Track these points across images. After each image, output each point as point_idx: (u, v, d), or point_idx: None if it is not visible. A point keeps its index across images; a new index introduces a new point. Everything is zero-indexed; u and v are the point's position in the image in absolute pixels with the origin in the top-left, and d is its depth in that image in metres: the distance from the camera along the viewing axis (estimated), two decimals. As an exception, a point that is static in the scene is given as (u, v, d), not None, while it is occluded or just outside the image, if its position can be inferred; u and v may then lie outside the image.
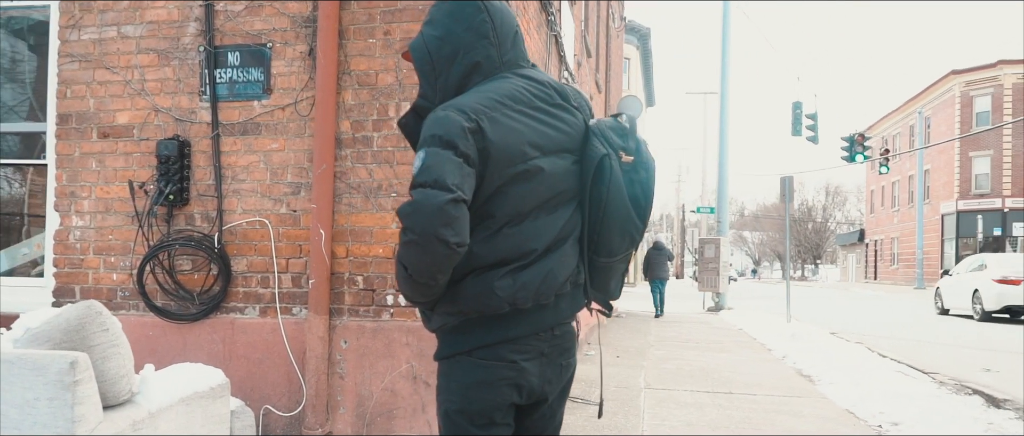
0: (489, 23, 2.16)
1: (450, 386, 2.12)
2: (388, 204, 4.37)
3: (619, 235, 2.16)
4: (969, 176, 42.09)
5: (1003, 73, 40.63)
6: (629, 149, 2.18)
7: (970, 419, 7.34)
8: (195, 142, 4.64)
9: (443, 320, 2.11)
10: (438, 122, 1.97)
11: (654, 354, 11.20)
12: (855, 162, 29.32)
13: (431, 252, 1.89)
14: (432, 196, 1.88)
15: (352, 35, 4.46)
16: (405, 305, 4.31)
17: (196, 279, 4.59)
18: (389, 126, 4.40)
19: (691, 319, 17.91)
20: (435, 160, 1.93)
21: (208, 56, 4.62)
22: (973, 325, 17.84)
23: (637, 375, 9.14)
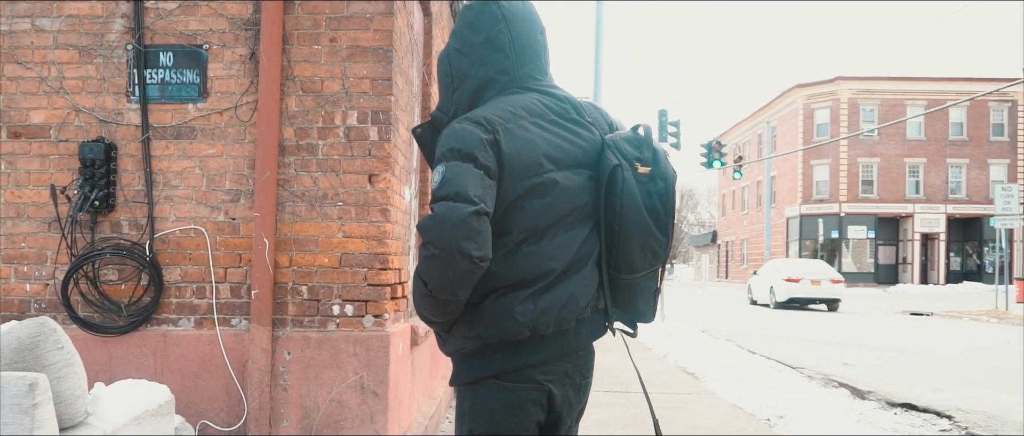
0: (506, 34, 2.14)
1: (475, 411, 2.10)
2: (334, 213, 4.33)
3: (639, 249, 2.13)
4: (811, 183, 45.41)
5: (840, 88, 44.08)
6: (645, 159, 2.14)
7: (843, 410, 8.03)
8: (122, 145, 4.41)
9: (461, 344, 2.09)
10: (456, 135, 1.97)
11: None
12: (713, 168, 31.09)
13: (453, 267, 1.88)
14: (454, 209, 1.87)
15: (296, 40, 4.38)
16: (352, 315, 4.28)
17: (123, 290, 4.36)
18: (335, 134, 4.35)
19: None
20: (456, 173, 1.92)
21: (137, 55, 4.40)
22: (771, 311, 24.07)
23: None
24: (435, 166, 2.00)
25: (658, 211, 2.14)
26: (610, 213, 2.12)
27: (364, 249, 4.30)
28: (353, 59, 4.36)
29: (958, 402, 8.27)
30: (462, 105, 2.15)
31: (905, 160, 43.59)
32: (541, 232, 2.05)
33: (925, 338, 15.56)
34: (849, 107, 43.72)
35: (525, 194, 2.02)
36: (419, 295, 2.01)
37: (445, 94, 2.22)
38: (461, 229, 1.86)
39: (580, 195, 2.12)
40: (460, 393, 2.18)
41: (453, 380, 2.20)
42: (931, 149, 43.86)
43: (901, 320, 20.63)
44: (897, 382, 9.61)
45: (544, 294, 2.03)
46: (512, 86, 2.15)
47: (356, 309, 4.28)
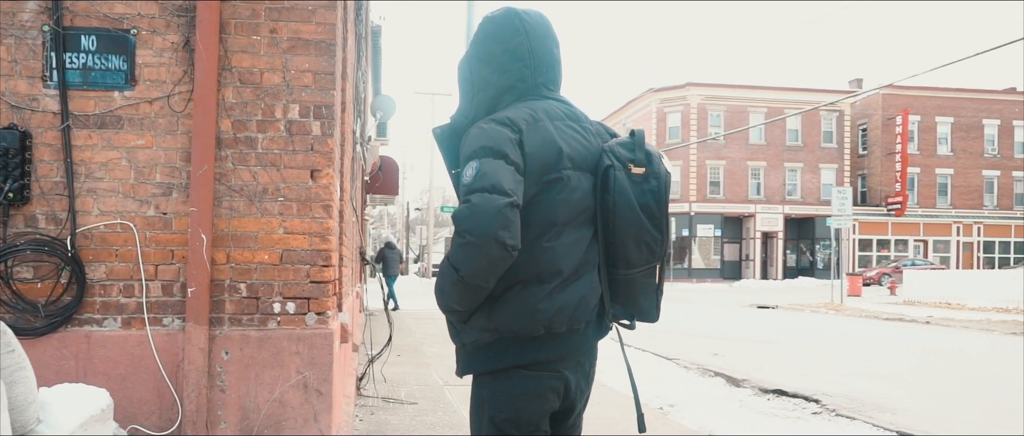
0: (526, 46, 2.29)
1: (498, 398, 2.22)
2: (275, 208, 4.21)
3: (635, 245, 2.27)
4: (664, 183, 47.49)
5: (690, 93, 46.46)
6: (639, 160, 2.30)
7: (724, 398, 8.59)
8: (38, 133, 4.10)
9: (477, 335, 2.21)
10: (486, 134, 2.12)
11: (431, 351, 11.50)
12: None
13: (488, 254, 2.00)
14: (491, 200, 2.01)
15: (234, 30, 4.22)
16: (294, 313, 4.19)
17: (40, 288, 4.06)
18: (276, 128, 4.24)
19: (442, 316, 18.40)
20: (490, 168, 2.06)
21: (55, 38, 4.10)
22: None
23: (429, 373, 9.39)
24: (465, 163, 2.12)
25: (652, 208, 2.28)
26: (605, 211, 2.27)
27: (307, 246, 4.22)
28: (295, 51, 4.26)
29: (821, 386, 9.02)
30: (482, 109, 2.30)
31: (748, 163, 46.53)
32: (558, 228, 2.20)
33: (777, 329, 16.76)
34: (698, 112, 46.18)
35: (544, 189, 2.17)
36: (450, 282, 2.10)
37: (465, 98, 2.36)
38: (498, 218, 1.99)
39: (587, 197, 2.28)
40: (479, 381, 2.28)
41: (467, 369, 2.29)
42: (771, 153, 47.08)
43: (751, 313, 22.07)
44: (764, 370, 10.35)
45: (560, 293, 2.18)
46: (529, 94, 2.31)
47: (298, 307, 4.20)
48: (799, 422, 7.33)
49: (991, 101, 48.82)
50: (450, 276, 2.08)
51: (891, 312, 20.89)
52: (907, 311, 21.13)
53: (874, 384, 9.34)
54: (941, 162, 48.10)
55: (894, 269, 39.29)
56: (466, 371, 2.32)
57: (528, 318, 2.13)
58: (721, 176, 46.51)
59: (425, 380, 8.78)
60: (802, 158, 47.44)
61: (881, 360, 11.77)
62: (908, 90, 44.71)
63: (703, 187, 46.20)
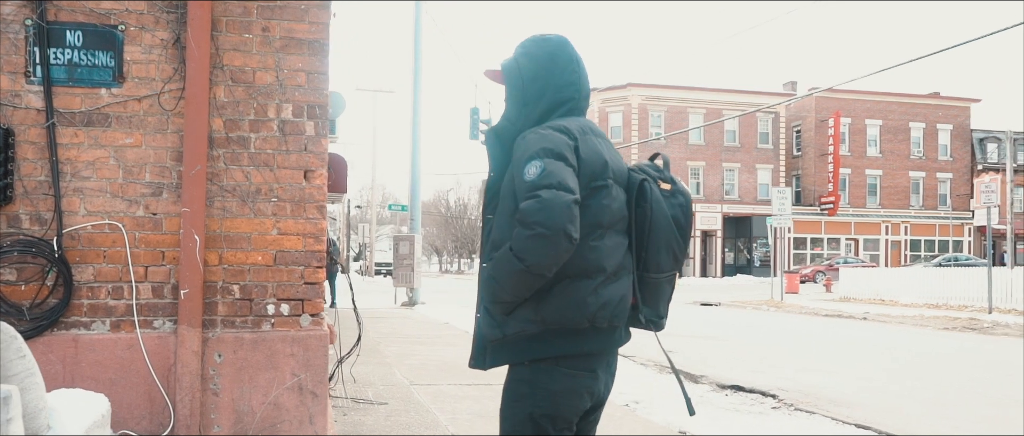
0: (578, 72, 2.51)
1: (537, 392, 2.33)
2: (268, 209, 4.17)
3: (665, 251, 2.47)
4: (606, 182, 48.09)
5: (631, 94, 47.13)
6: (666, 178, 2.55)
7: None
8: (21, 131, 3.97)
9: (522, 326, 2.31)
10: (546, 138, 2.28)
11: (389, 351, 11.45)
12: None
13: (555, 245, 2.15)
14: (559, 196, 2.14)
15: (225, 27, 4.16)
16: (289, 314, 4.15)
17: (25, 291, 3.93)
18: (268, 127, 4.19)
19: (393, 315, 18.34)
20: (554, 168, 2.19)
21: (39, 32, 3.98)
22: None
23: (392, 372, 9.36)
24: (527, 162, 2.24)
25: (680, 220, 2.52)
26: (641, 218, 2.46)
27: (301, 246, 4.19)
28: (288, 51, 4.22)
29: (775, 382, 9.29)
30: (531, 120, 2.43)
31: (688, 163, 47.42)
32: (602, 230, 2.35)
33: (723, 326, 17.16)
34: (639, 112, 46.88)
35: (591, 194, 2.33)
36: (509, 272, 2.22)
37: (515, 104, 2.48)
38: (566, 213, 2.14)
39: (623, 207, 2.46)
40: (517, 374, 2.39)
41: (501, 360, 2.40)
42: (709, 153, 48.08)
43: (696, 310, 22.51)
44: (718, 366, 10.60)
45: (604, 289, 2.33)
46: (574, 112, 2.49)
47: (292, 308, 4.16)
48: (761, 417, 7.54)
49: (917, 105, 50.83)
50: (511, 266, 2.19)
51: (829, 309, 21.57)
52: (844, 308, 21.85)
53: (826, 378, 9.66)
54: (871, 163, 49.86)
55: (828, 267, 40.55)
56: (499, 362, 2.41)
57: (576, 310, 2.27)
58: (662, 176, 47.18)
59: (390, 380, 8.75)
60: (739, 158, 48.57)
61: (828, 355, 12.16)
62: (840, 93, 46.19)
63: (644, 186, 46.83)
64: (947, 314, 19.16)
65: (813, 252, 48.42)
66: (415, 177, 22.66)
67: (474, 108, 26.85)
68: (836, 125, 46.38)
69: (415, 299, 21.18)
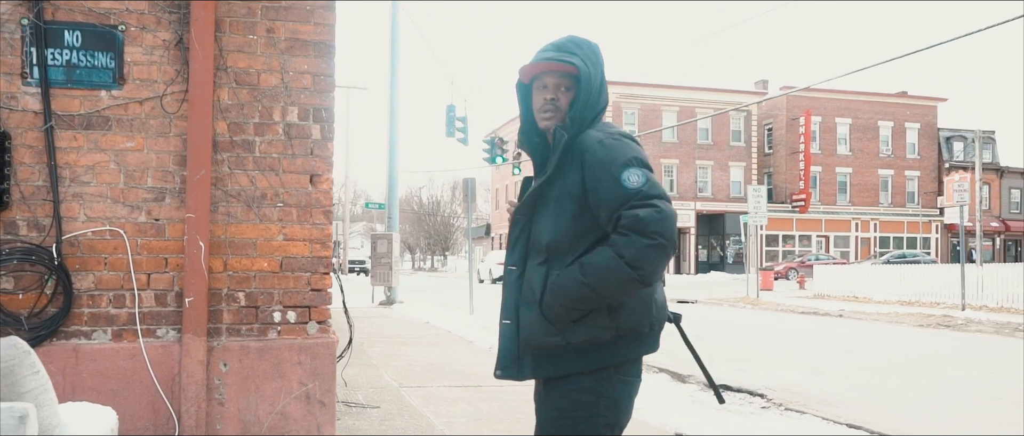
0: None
1: (602, 401, 2.24)
2: (274, 214, 4.08)
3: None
4: (580, 179, 48.23)
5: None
6: None
7: (674, 394, 8.77)
8: (17, 134, 3.84)
9: (594, 333, 2.23)
10: (632, 147, 2.23)
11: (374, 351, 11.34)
12: (496, 163, 32.08)
13: (668, 256, 2.14)
14: (670, 207, 2.15)
15: (229, 28, 4.06)
16: (295, 322, 4.07)
17: (23, 300, 3.80)
18: (274, 131, 4.10)
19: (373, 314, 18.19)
20: (652, 179, 2.19)
21: (36, 32, 3.85)
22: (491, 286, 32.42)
23: (380, 374, 9.26)
24: (625, 169, 2.18)
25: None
26: None
27: (307, 252, 4.10)
28: (293, 52, 4.13)
29: (761, 381, 9.34)
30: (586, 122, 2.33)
31: (661, 160, 47.66)
32: None
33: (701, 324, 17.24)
34: (614, 109, 47.00)
35: None
36: (617, 281, 2.14)
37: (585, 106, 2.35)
38: (675, 224, 2.17)
39: None
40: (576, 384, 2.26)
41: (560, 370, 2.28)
42: (682, 151, 48.36)
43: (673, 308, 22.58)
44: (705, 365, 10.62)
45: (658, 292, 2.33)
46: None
47: (299, 315, 4.08)
48: (753, 417, 7.57)
49: (885, 104, 51.56)
50: (622, 275, 2.12)
51: (805, 306, 21.80)
52: (819, 305, 22.09)
53: (810, 377, 9.73)
54: (841, 161, 50.49)
55: (800, 264, 40.98)
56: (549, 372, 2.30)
57: (645, 314, 2.25)
58: (636, 173, 47.41)
59: (378, 382, 8.65)
60: (712, 156, 48.91)
61: (809, 353, 12.26)
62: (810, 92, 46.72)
63: (618, 184, 47.01)
64: (920, 311, 19.45)
65: (785, 249, 48.94)
66: (393, 176, 22.50)
67: (450, 105, 26.72)
68: (807, 123, 46.90)
69: (393, 298, 21.03)
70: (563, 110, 2.31)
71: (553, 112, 2.32)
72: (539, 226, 2.28)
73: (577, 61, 2.31)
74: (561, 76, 2.31)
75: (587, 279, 2.14)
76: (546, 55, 2.33)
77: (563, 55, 2.32)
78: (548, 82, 2.33)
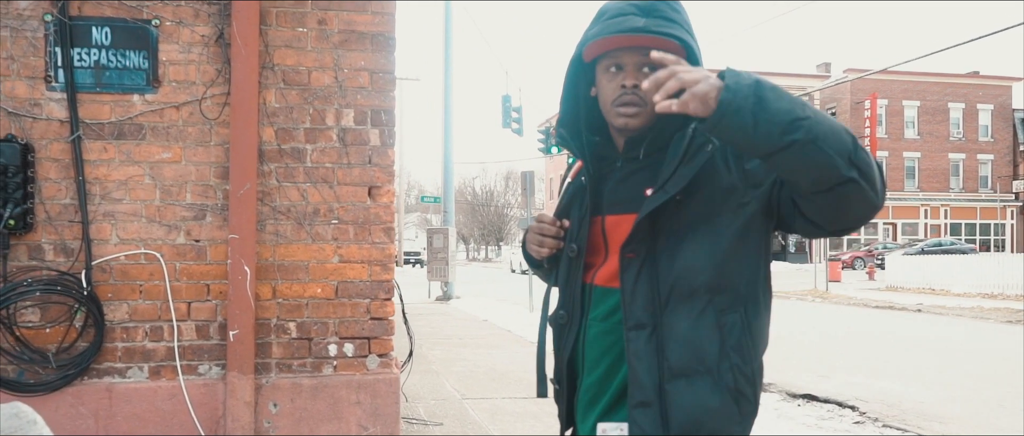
0: None
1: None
2: (328, 233, 3.57)
3: None
4: (636, 167, 47.61)
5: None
6: None
7: (755, 406, 8.11)
8: (42, 146, 3.40)
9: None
10: None
11: (433, 354, 10.89)
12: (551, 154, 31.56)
13: (874, 201, 1.48)
14: None
15: (275, 20, 3.56)
16: (353, 355, 3.56)
17: (50, 333, 3.37)
18: (327, 137, 3.59)
19: (430, 311, 17.81)
20: None
21: (61, 29, 3.40)
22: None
23: (441, 383, 8.79)
24: None
25: None
26: None
27: (366, 276, 3.58)
28: (347, 46, 3.61)
29: (849, 390, 8.60)
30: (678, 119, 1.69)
31: (720, 147, 46.51)
32: None
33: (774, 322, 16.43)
34: (670, 96, 45.98)
35: None
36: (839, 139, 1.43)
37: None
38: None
39: None
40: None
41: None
42: (742, 137, 47.10)
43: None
44: (781, 370, 9.91)
45: None
46: None
47: (358, 348, 3.57)
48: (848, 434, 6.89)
49: (956, 85, 49.35)
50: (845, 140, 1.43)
51: (878, 299, 20.75)
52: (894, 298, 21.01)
53: (903, 386, 8.95)
54: (908, 145, 48.56)
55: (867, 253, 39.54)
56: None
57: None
58: (693, 161, 46.49)
59: (440, 393, 8.18)
60: (773, 142, 47.57)
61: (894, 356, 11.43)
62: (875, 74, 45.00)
63: (675, 171, 46.10)
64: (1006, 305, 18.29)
65: (850, 237, 47.37)
66: (448, 170, 22.12)
67: (506, 95, 26.27)
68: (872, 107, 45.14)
69: (450, 293, 20.65)
70: (652, 103, 1.51)
71: (639, 105, 1.61)
72: (683, 258, 1.59)
73: (682, 33, 1.59)
74: (646, 54, 1.54)
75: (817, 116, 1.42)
76: (632, 24, 1.58)
77: (660, 25, 1.58)
78: (626, 61, 1.61)
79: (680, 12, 1.66)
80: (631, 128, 1.64)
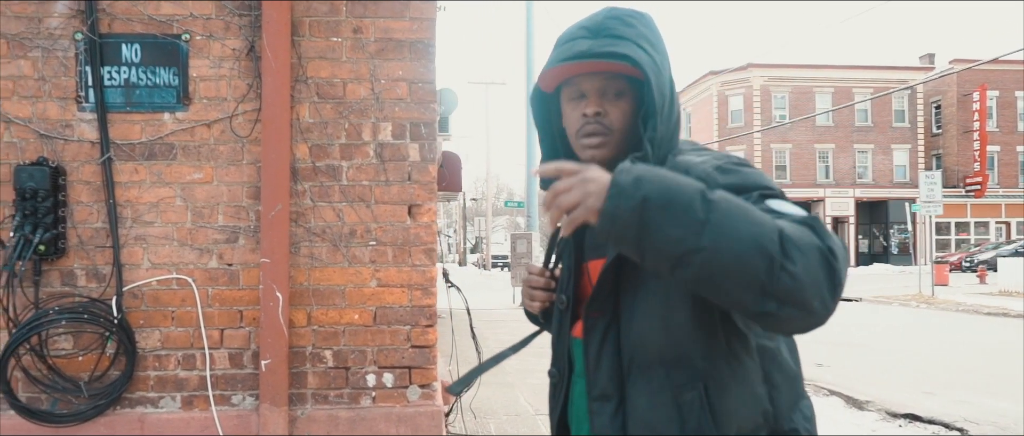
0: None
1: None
2: (365, 255, 3.34)
3: None
4: (727, 168, 46.20)
5: (752, 75, 44.88)
6: None
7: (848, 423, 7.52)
8: (73, 169, 3.30)
9: None
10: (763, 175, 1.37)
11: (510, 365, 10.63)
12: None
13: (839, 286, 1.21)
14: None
15: (309, 30, 3.36)
16: (393, 386, 3.32)
17: (82, 362, 3.26)
18: (363, 153, 3.36)
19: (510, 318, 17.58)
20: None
21: (90, 47, 3.29)
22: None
23: (515, 397, 8.51)
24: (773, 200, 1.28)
25: None
26: None
27: (405, 301, 3.34)
28: (384, 56, 3.38)
29: (956, 409, 7.89)
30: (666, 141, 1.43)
31: (815, 146, 44.74)
32: None
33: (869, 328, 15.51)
34: (761, 94, 44.52)
35: None
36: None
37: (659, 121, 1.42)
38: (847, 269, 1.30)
39: None
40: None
41: None
42: (839, 135, 45.15)
43: (835, 307, 20.74)
44: (880, 385, 9.23)
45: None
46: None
47: (397, 378, 3.33)
48: (955, 464, 6.27)
49: (1076, 73, 46.06)
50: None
51: (991, 305, 19.36)
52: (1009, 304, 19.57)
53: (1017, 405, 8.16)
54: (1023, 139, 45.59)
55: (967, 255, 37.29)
56: None
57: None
58: (787, 160, 44.83)
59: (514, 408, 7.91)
60: (873, 139, 45.40)
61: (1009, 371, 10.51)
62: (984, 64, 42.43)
63: (768, 172, 44.58)
64: None
65: (958, 238, 44.74)
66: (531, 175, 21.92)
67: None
68: (982, 99, 42.59)
69: (533, 299, 20.43)
70: (618, 130, 1.39)
71: (604, 134, 1.40)
72: (636, 321, 1.34)
73: (632, 50, 1.36)
74: (609, 77, 1.40)
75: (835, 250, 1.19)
76: (576, 49, 1.40)
77: (606, 46, 1.38)
78: (586, 87, 1.42)
79: (635, 24, 1.44)
80: (598, 160, 1.39)
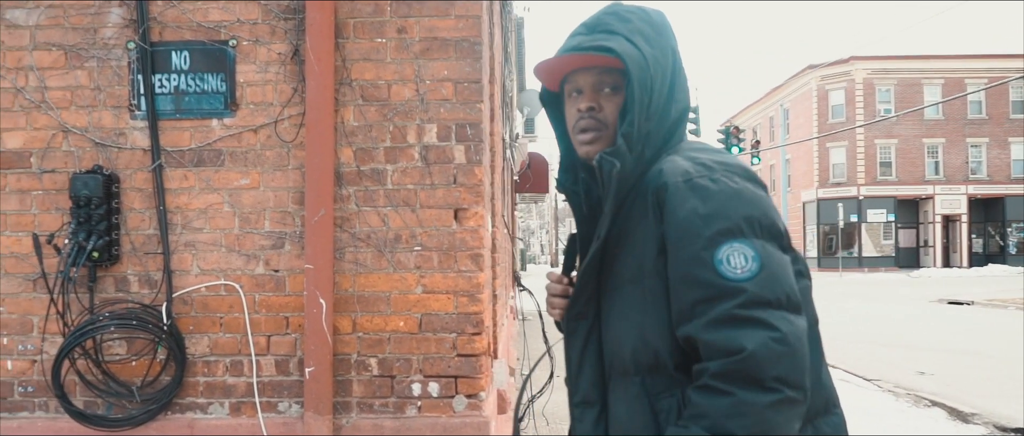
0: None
1: None
2: (410, 261, 3.26)
3: None
4: (827, 166, 44.44)
5: (855, 68, 43.01)
6: None
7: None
8: (126, 176, 3.34)
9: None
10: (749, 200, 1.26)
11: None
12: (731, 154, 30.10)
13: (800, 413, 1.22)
14: (799, 327, 1.22)
15: (353, 32, 3.30)
16: (438, 395, 3.23)
17: (135, 367, 3.30)
18: (408, 156, 3.28)
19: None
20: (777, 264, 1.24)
21: (142, 56, 3.33)
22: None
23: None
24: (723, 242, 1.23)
25: None
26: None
27: (451, 308, 3.24)
28: (429, 55, 3.29)
29: (1078, 427, 7.23)
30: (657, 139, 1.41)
31: (924, 141, 42.50)
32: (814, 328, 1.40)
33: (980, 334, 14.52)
34: (864, 87, 42.60)
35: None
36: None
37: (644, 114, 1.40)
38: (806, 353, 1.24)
39: None
40: None
41: None
42: (949, 129, 42.75)
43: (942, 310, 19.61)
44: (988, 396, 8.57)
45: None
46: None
47: (443, 387, 3.23)
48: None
49: None
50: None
51: (1121, 311, 17.90)
52: None
53: None
54: None
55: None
56: None
57: None
58: (892, 156, 42.71)
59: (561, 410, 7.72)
60: (987, 132, 42.76)
61: None
62: (1116, 49, 39.30)
63: (872, 169, 42.63)
64: None
65: (1086, 236, 41.69)
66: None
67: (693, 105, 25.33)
68: (1111, 87, 39.50)
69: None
70: (612, 125, 1.41)
71: (597, 129, 1.42)
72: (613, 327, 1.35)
73: (618, 44, 1.36)
74: (602, 72, 1.42)
75: None
76: (570, 44, 1.44)
77: (595, 40, 1.41)
78: (581, 83, 1.45)
79: (632, 19, 1.44)
80: (592, 156, 1.37)
